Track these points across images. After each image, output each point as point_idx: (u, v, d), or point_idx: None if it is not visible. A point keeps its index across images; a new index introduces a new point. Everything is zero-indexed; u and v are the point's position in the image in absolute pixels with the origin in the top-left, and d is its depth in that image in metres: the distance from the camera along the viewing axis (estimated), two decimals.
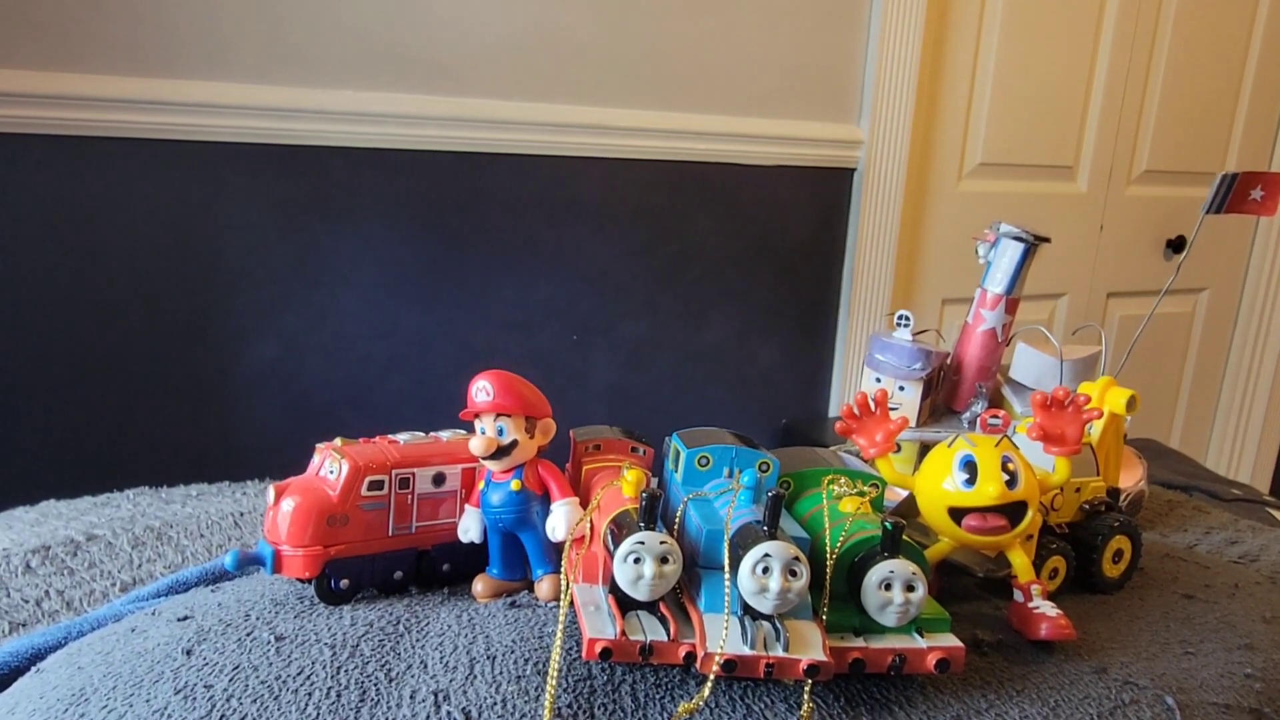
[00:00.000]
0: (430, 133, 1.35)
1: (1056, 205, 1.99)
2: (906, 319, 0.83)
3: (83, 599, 0.70)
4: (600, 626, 0.47)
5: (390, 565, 0.59)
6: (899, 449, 0.79)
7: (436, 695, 0.47)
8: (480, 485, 0.59)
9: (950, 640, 0.50)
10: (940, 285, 1.90)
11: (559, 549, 0.56)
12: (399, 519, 0.59)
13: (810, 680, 0.47)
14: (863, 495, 0.55)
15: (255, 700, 0.46)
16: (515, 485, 0.57)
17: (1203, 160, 2.13)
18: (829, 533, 0.51)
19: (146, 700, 0.47)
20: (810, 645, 0.47)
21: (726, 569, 0.47)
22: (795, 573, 0.45)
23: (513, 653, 0.50)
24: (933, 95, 1.77)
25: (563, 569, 0.51)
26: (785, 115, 1.60)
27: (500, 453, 0.56)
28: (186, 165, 1.24)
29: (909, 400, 0.81)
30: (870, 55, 1.63)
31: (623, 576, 0.46)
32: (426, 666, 0.49)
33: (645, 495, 0.47)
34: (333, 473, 0.57)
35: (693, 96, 1.52)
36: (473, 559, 0.61)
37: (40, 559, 0.75)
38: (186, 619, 0.55)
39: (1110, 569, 0.66)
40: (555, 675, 0.47)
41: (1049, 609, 0.56)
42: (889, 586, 0.48)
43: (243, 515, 0.85)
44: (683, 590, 0.51)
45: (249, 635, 0.52)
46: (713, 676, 0.46)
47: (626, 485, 0.53)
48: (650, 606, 0.49)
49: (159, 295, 1.26)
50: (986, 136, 1.85)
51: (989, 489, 0.54)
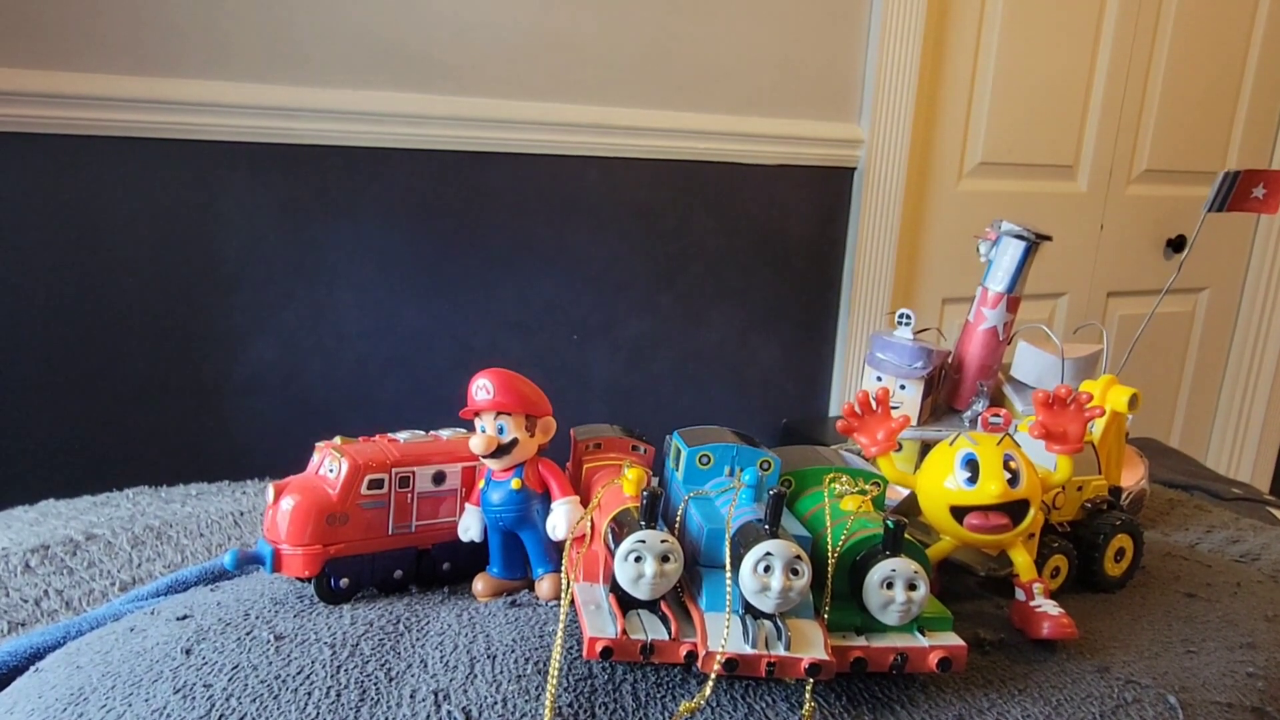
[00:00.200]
0: (430, 132, 1.35)
1: (1057, 204, 1.98)
2: (908, 317, 0.83)
3: (82, 598, 0.70)
4: (601, 625, 0.47)
5: (390, 564, 0.59)
6: (900, 447, 0.79)
7: (437, 694, 0.47)
8: (480, 484, 0.59)
9: (952, 639, 0.50)
10: (940, 284, 1.90)
11: (559, 548, 0.56)
12: (399, 518, 0.59)
13: (812, 679, 0.47)
14: (864, 494, 0.55)
15: (255, 699, 0.46)
16: (516, 484, 0.57)
17: (1203, 159, 2.13)
18: (830, 531, 0.51)
19: (146, 699, 0.46)
20: (812, 644, 0.47)
21: (728, 568, 0.47)
22: (797, 571, 0.45)
23: (513, 652, 0.50)
24: (933, 94, 1.77)
25: (563, 568, 0.51)
26: (786, 114, 1.60)
27: (500, 451, 0.56)
28: (187, 164, 1.24)
29: (910, 399, 0.81)
30: (871, 54, 1.63)
31: (624, 575, 0.46)
32: (427, 666, 0.49)
33: (646, 494, 0.47)
34: (332, 471, 0.57)
35: (693, 96, 1.52)
36: (473, 558, 0.61)
37: (39, 558, 0.75)
38: (186, 618, 0.54)
39: (1112, 568, 0.66)
40: (556, 674, 0.47)
41: (1051, 608, 0.56)
42: (891, 585, 0.48)
43: (242, 514, 0.85)
44: (684, 589, 0.50)
45: (248, 634, 0.52)
46: (714, 675, 0.45)
47: (627, 484, 0.52)
48: (651, 605, 0.49)
49: (159, 294, 1.26)
50: (987, 136, 1.85)
51: (991, 487, 0.54)
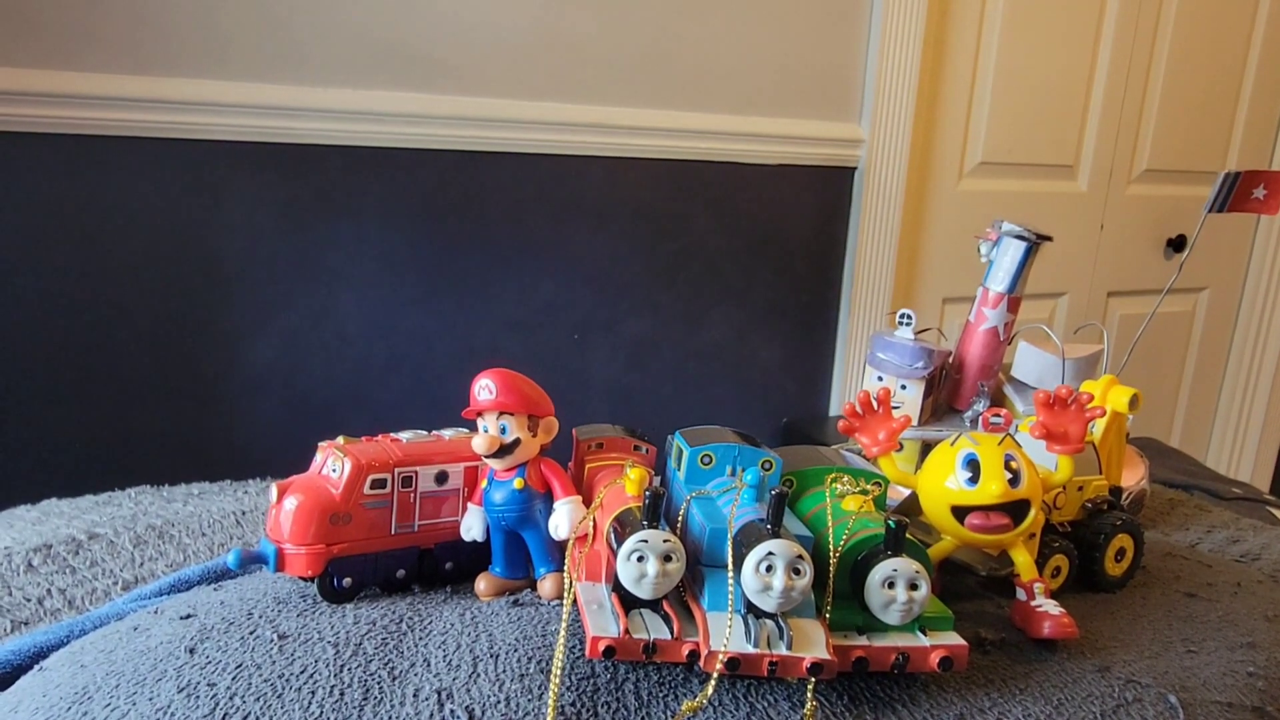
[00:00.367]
0: (431, 131, 1.35)
1: (1057, 204, 1.99)
2: (908, 317, 0.83)
3: (85, 597, 0.70)
4: (604, 625, 0.47)
5: (393, 564, 0.59)
6: (901, 447, 0.79)
7: (440, 694, 0.47)
8: (483, 484, 0.59)
9: (953, 639, 0.50)
10: (941, 284, 1.90)
11: (562, 547, 0.56)
12: (401, 517, 0.59)
13: (814, 678, 0.47)
14: (865, 494, 0.55)
15: (258, 698, 0.46)
16: (518, 483, 0.57)
17: (1203, 159, 2.13)
18: (832, 531, 0.51)
19: (149, 699, 0.47)
20: (814, 643, 0.47)
21: (730, 567, 0.47)
22: (799, 571, 0.45)
23: (516, 651, 0.50)
24: (933, 94, 1.77)
25: (566, 567, 0.51)
26: (786, 114, 1.60)
27: (503, 451, 0.56)
28: (187, 164, 1.24)
29: (911, 399, 0.81)
30: (871, 54, 1.63)
31: (626, 575, 0.46)
32: (429, 665, 0.49)
33: (648, 493, 0.47)
34: (335, 471, 0.57)
35: (694, 95, 1.52)
36: (475, 557, 0.61)
37: (42, 557, 0.75)
38: (189, 617, 0.55)
39: (1113, 567, 0.66)
40: (559, 673, 0.47)
41: (1052, 607, 0.56)
42: (892, 585, 0.48)
43: (245, 514, 0.85)
44: (686, 589, 0.51)
45: (252, 634, 0.52)
46: (716, 675, 0.46)
47: (629, 483, 0.53)
48: (654, 605, 0.49)
49: (160, 293, 1.26)
50: (987, 135, 1.85)
51: (992, 487, 0.54)
